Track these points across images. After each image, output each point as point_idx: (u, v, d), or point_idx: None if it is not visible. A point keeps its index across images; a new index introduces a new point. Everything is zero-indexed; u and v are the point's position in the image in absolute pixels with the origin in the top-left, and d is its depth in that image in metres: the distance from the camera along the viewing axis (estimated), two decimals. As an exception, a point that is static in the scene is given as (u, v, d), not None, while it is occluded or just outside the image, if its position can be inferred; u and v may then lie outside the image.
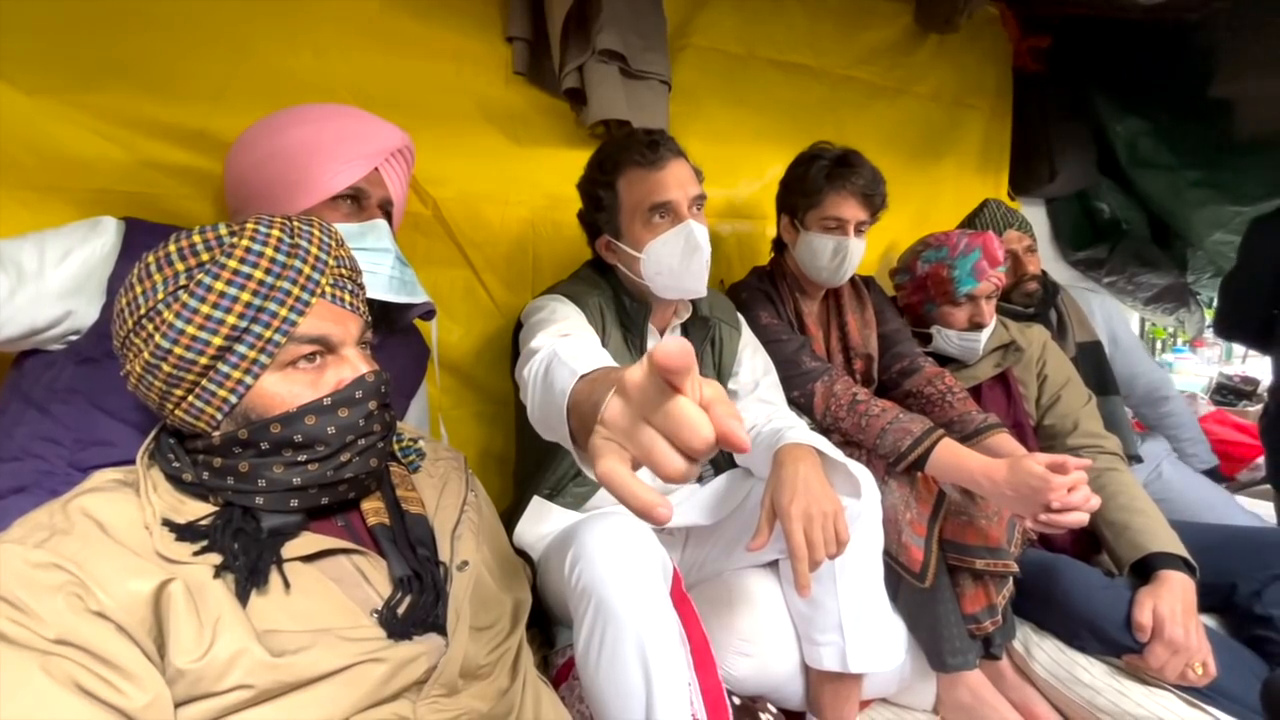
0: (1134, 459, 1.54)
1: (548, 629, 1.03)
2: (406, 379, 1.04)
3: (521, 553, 0.97)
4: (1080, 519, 0.92)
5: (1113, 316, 1.82)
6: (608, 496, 1.08)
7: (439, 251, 1.26)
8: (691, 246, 1.02)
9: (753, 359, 1.20)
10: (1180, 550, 1.06)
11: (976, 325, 1.37)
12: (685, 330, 1.17)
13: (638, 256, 1.04)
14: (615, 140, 1.09)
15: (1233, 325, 1.68)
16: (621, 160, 1.05)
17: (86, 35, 0.95)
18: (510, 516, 1.05)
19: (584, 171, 1.12)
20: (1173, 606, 0.99)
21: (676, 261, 1.03)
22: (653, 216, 1.03)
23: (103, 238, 0.80)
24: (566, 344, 0.75)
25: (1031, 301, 1.65)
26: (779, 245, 1.40)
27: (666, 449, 0.36)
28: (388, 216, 0.93)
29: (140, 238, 0.81)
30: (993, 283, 1.36)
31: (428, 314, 0.99)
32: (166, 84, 1.00)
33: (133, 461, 0.61)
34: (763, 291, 1.34)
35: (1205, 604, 1.08)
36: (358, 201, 0.89)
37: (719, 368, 1.17)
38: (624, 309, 1.09)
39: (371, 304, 0.82)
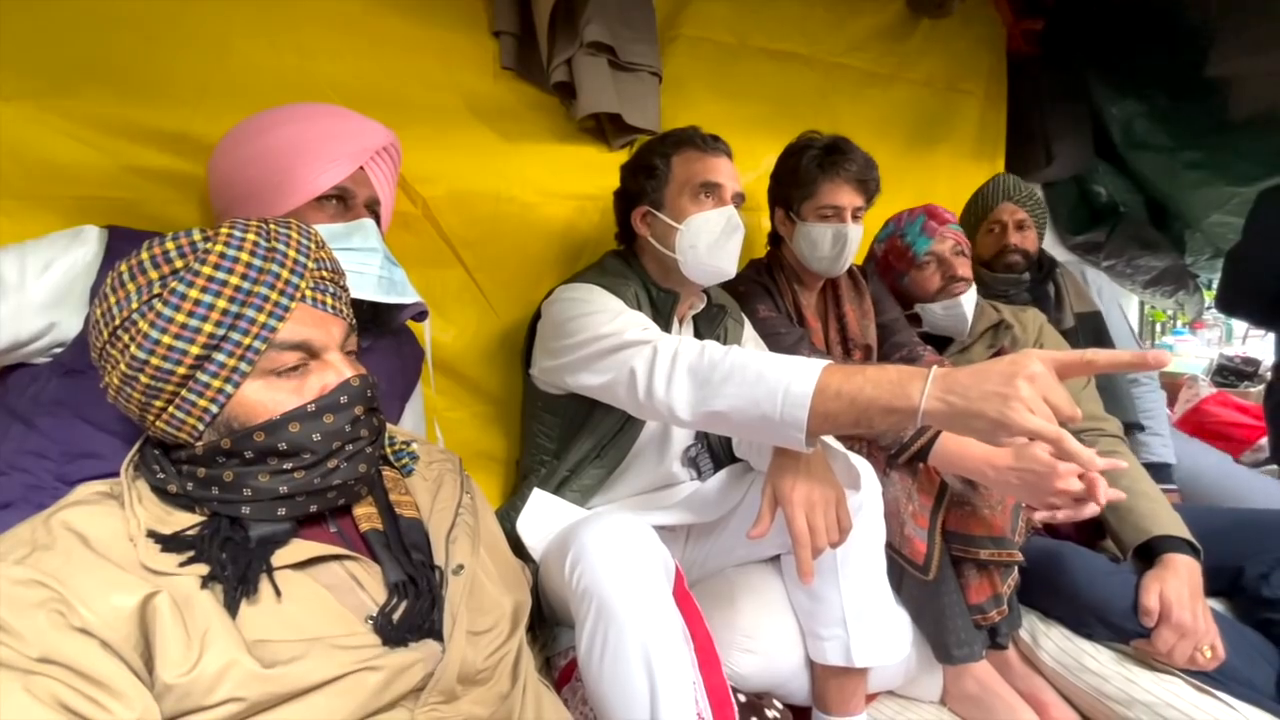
0: (1136, 426, 1.53)
1: (549, 630, 1.02)
2: (400, 381, 1.03)
3: (522, 552, 0.96)
4: (1092, 510, 0.91)
5: (1103, 289, 1.79)
6: (607, 495, 1.08)
7: (430, 251, 1.25)
8: (732, 226, 1.10)
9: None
10: (1184, 533, 1.05)
11: (951, 280, 1.37)
12: (698, 320, 1.19)
13: (676, 227, 1.09)
14: (676, 128, 1.18)
15: (1235, 300, 1.66)
16: (682, 139, 1.13)
17: (62, 38, 0.94)
18: (510, 509, 1.04)
19: (636, 151, 1.19)
20: (1179, 590, 0.98)
21: (714, 238, 1.09)
22: (700, 193, 1.10)
23: (85, 247, 0.79)
24: (739, 350, 0.83)
25: (1013, 272, 1.63)
26: (775, 239, 1.39)
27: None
28: (375, 216, 0.91)
29: (123, 245, 0.80)
30: (949, 238, 1.39)
31: (420, 315, 0.98)
32: (146, 86, 0.99)
33: (119, 474, 0.60)
34: (760, 284, 1.33)
35: (1212, 588, 1.07)
36: (344, 202, 0.88)
37: None
38: (652, 300, 1.10)
39: (362, 306, 0.81)
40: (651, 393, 0.85)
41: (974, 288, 1.41)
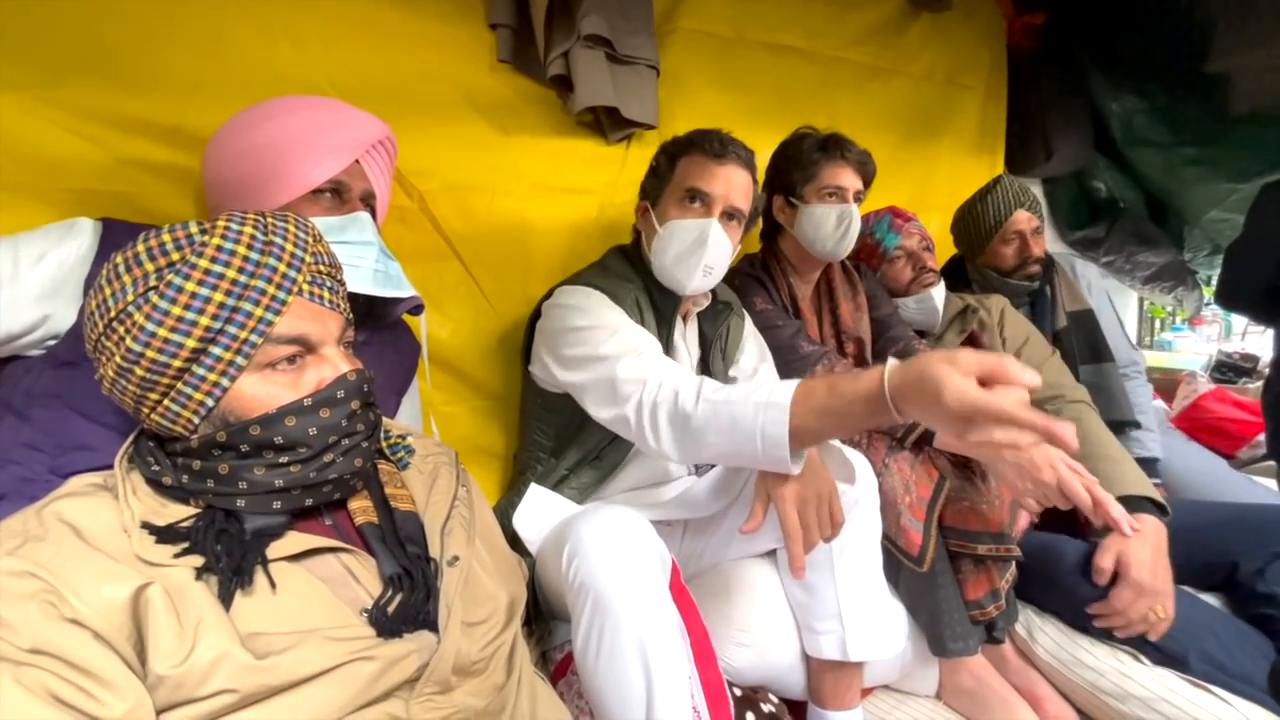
0: (1131, 424, 1.53)
1: (545, 624, 1.02)
2: (396, 376, 1.03)
3: (518, 547, 0.96)
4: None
5: (1093, 283, 1.77)
6: (604, 493, 1.08)
7: (426, 245, 1.24)
8: (699, 241, 1.04)
9: (752, 346, 1.22)
10: (1150, 491, 1.04)
11: (921, 271, 1.43)
12: (702, 318, 1.19)
13: (656, 230, 1.08)
14: (700, 129, 1.13)
15: (1235, 294, 1.65)
16: (695, 141, 1.10)
17: (56, 30, 0.93)
18: (507, 504, 1.04)
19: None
20: (1140, 551, 0.97)
21: (683, 248, 1.05)
22: (686, 199, 1.07)
23: (79, 239, 0.79)
24: (712, 383, 0.83)
25: (1033, 282, 1.61)
26: (769, 233, 1.39)
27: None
28: (371, 210, 0.91)
29: (118, 238, 0.79)
30: (915, 233, 1.47)
31: (416, 309, 0.98)
32: (140, 78, 0.98)
33: (113, 466, 0.60)
34: (755, 278, 1.33)
35: (1208, 583, 1.07)
36: (339, 195, 0.87)
37: (725, 354, 1.18)
38: (653, 302, 1.09)
39: (357, 299, 0.81)
40: (645, 443, 0.88)
41: (942, 281, 1.46)
